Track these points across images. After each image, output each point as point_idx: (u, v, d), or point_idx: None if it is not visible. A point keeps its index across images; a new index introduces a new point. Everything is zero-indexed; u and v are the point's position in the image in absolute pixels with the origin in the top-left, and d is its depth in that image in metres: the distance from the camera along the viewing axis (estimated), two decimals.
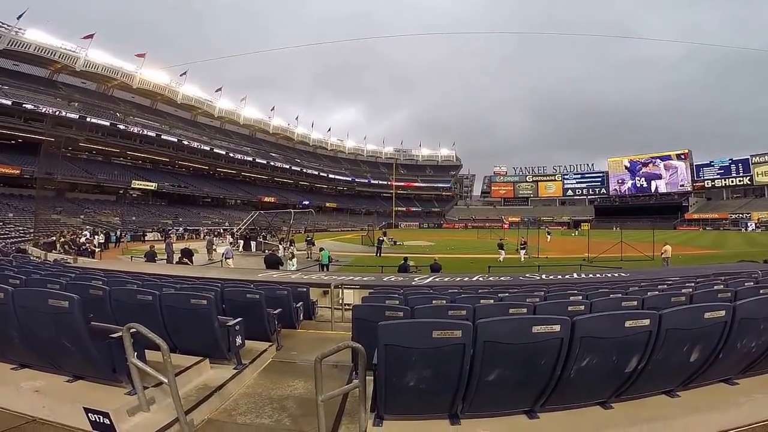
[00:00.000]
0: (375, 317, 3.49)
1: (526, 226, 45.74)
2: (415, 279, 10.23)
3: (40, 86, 46.01)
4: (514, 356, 2.27)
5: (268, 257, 15.53)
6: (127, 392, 2.74)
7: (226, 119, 72.60)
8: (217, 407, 3.10)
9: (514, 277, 10.38)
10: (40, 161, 31.53)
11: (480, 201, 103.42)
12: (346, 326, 6.45)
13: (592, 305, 3.66)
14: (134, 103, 58.69)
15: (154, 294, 3.79)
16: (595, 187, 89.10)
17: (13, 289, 2.86)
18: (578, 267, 14.75)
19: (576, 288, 6.26)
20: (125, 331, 2.57)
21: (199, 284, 6.15)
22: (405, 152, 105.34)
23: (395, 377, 2.30)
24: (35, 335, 2.86)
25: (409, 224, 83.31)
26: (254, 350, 4.20)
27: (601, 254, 21.76)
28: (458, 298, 4.79)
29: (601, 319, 2.36)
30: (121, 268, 10.64)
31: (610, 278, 9.51)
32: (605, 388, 2.57)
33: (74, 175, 44.88)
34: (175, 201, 56.97)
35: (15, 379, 2.94)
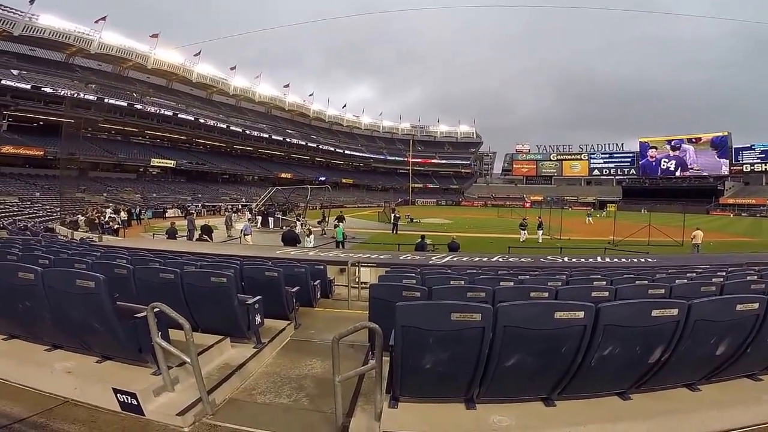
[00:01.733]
0: (392, 297, 3.50)
1: (548, 206, 44.89)
2: (433, 258, 10.24)
3: (57, 69, 47.04)
4: (534, 342, 2.24)
5: (285, 234, 15.75)
6: (152, 372, 2.82)
7: (242, 97, 72.67)
8: (237, 386, 3.18)
9: (535, 259, 10.28)
10: (62, 142, 32.33)
11: (501, 179, 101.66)
12: (362, 305, 6.48)
13: (616, 292, 3.58)
14: (150, 84, 59.28)
15: (175, 272, 3.87)
16: (624, 167, 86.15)
17: (42, 269, 2.94)
18: (602, 250, 14.32)
19: (599, 273, 6.15)
20: (149, 310, 2.64)
21: (218, 261, 6.29)
22: (422, 128, 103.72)
23: (412, 359, 2.31)
24: (65, 315, 2.95)
25: (427, 201, 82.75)
26: (273, 329, 4.28)
27: (627, 238, 21.21)
28: (477, 279, 4.76)
29: (627, 307, 2.29)
30: (144, 246, 10.97)
31: (635, 263, 9.30)
32: (625, 379, 2.53)
33: (95, 155, 46.17)
34: (194, 178, 58.06)
35: (49, 360, 3.04)
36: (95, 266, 4.27)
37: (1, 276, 3.08)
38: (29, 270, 2.96)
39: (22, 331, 3.32)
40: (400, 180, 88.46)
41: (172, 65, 60.06)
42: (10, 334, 3.36)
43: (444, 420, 2.37)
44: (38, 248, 6.65)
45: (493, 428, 2.28)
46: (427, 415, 2.42)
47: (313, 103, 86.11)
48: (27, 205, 31.17)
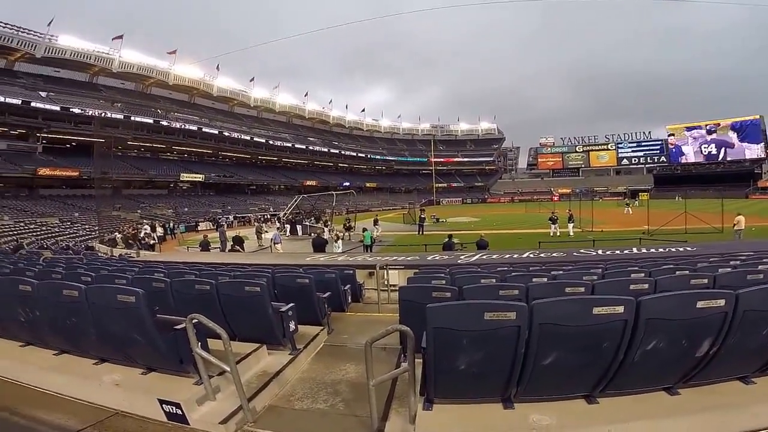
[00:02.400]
0: (422, 299, 3.50)
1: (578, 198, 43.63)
2: (461, 257, 10.15)
3: (82, 90, 48.97)
4: (572, 339, 2.18)
5: (314, 240, 16.02)
6: (194, 382, 2.91)
7: (262, 108, 74.20)
8: (276, 393, 3.24)
9: (568, 253, 10.02)
10: (94, 162, 33.75)
11: (526, 173, 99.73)
12: (392, 308, 6.48)
13: (656, 283, 3.44)
14: (173, 99, 61.05)
15: (211, 283, 3.99)
16: (654, 155, 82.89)
17: (85, 287, 3.09)
18: (637, 241, 13.74)
19: (637, 264, 5.92)
20: (188, 322, 2.72)
21: (251, 271, 6.44)
22: (442, 128, 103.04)
23: (445, 361, 2.30)
24: (108, 330, 3.08)
25: (452, 200, 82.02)
26: (307, 335, 4.35)
27: (663, 226, 20.34)
28: (509, 276, 4.68)
29: (669, 300, 2.20)
30: (180, 259, 11.37)
31: (674, 253, 8.93)
32: (672, 374, 2.43)
33: (127, 173, 47.94)
34: (223, 190, 59.71)
35: (97, 373, 3.17)
36: (134, 281, 4.45)
37: (48, 294, 3.25)
38: (73, 287, 3.11)
39: (71, 346, 3.47)
40: (423, 180, 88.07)
41: (192, 80, 61.72)
42: (60, 350, 3.53)
43: (480, 421, 2.33)
44: (80, 266, 6.97)
45: (532, 428, 2.23)
46: (463, 416, 2.39)
47: (332, 110, 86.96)
48: (67, 226, 32.67)
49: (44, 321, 3.40)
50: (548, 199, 68.38)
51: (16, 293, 3.41)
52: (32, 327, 3.56)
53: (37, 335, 3.63)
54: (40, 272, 5.65)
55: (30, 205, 36.26)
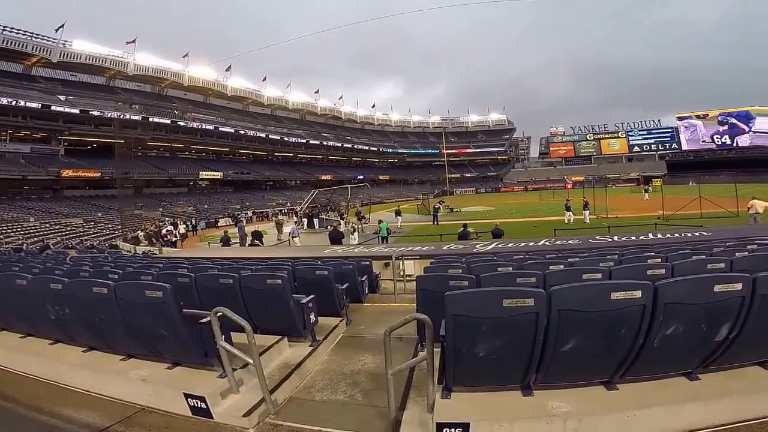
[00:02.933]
0: (439, 287, 3.44)
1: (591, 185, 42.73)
2: (477, 246, 10.07)
3: (100, 93, 49.85)
4: (591, 325, 2.16)
5: (331, 233, 16.11)
6: (218, 375, 2.94)
7: (276, 106, 74.67)
8: (297, 385, 3.28)
9: (584, 240, 9.89)
10: (115, 162, 34.36)
11: (539, 162, 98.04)
12: (409, 297, 6.54)
13: (673, 268, 3.37)
14: (188, 100, 61.85)
15: (234, 277, 4.04)
16: (665, 142, 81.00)
17: (114, 284, 3.16)
18: (653, 227, 13.47)
19: (653, 249, 5.80)
20: (213, 315, 2.76)
21: (271, 264, 6.53)
22: (453, 120, 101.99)
23: (464, 348, 2.29)
24: (137, 325, 3.14)
25: (465, 190, 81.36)
26: (326, 326, 4.39)
27: (678, 212, 19.85)
28: (525, 264, 4.63)
29: (686, 284, 2.16)
30: (202, 255, 11.58)
31: (690, 238, 8.71)
32: (691, 358, 2.39)
33: (147, 172, 48.87)
34: (241, 187, 60.38)
35: (124, 369, 3.22)
36: (160, 277, 4.53)
37: (78, 292, 3.33)
38: (102, 284, 3.18)
39: (99, 342, 3.55)
40: (436, 172, 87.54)
41: (206, 81, 62.44)
42: (89, 346, 3.61)
43: (499, 408, 2.32)
44: (106, 264, 7.12)
45: (552, 414, 2.22)
46: (482, 403, 2.38)
47: (343, 106, 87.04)
48: (91, 225, 33.45)
49: (74, 318, 3.46)
50: (562, 187, 67.09)
51: (47, 292, 3.49)
52: (62, 324, 3.63)
53: (67, 332, 3.70)
54: (69, 271, 5.77)
55: (54, 206, 37.16)
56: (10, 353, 3.78)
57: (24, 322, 4.05)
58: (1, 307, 4.13)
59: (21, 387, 3.32)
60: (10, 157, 38.92)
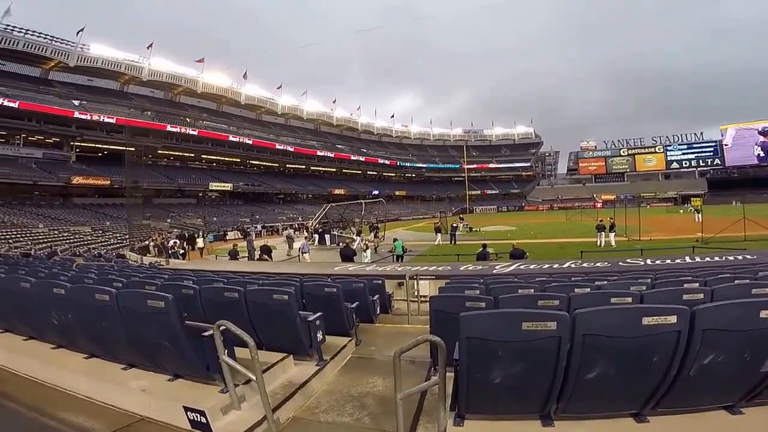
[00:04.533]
0: (454, 308, 3.41)
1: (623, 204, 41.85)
2: (497, 267, 9.96)
3: (114, 98, 51.62)
4: (619, 352, 2.08)
5: (343, 250, 16.17)
6: (220, 390, 2.98)
7: (290, 115, 76.09)
8: (301, 405, 3.28)
9: (613, 263, 9.66)
10: (125, 170, 35.41)
11: (566, 179, 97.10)
12: (423, 319, 6.48)
13: (713, 293, 3.26)
14: (201, 108, 63.56)
15: (239, 291, 4.09)
16: (707, 157, 79.02)
17: (116, 291, 3.25)
18: (690, 249, 13.03)
19: (690, 273, 5.66)
20: (216, 329, 2.79)
21: (279, 280, 6.58)
22: (476, 133, 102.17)
23: (478, 373, 2.23)
24: (138, 335, 3.21)
25: (486, 208, 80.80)
26: (334, 345, 4.38)
27: (719, 234, 19.24)
28: (548, 287, 4.55)
29: (728, 309, 2.07)
30: (208, 268, 11.74)
31: (732, 261, 8.47)
32: (733, 390, 2.29)
33: (157, 182, 50.05)
34: (251, 199, 61.27)
35: (125, 379, 3.30)
36: (164, 287, 4.62)
37: (81, 297, 3.44)
38: (105, 291, 3.28)
39: (100, 350, 3.65)
40: (455, 188, 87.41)
41: (220, 88, 64.13)
42: (90, 353, 3.71)
43: None
44: (112, 272, 7.37)
45: None
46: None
47: (360, 116, 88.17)
48: (99, 234, 34.45)
49: (76, 324, 3.58)
50: (591, 206, 66.02)
51: (50, 296, 3.62)
52: (64, 330, 3.75)
53: (69, 338, 3.82)
54: (74, 277, 6.00)
55: (64, 213, 38.52)
56: (14, 355, 3.93)
57: (27, 324, 4.20)
58: (6, 309, 4.31)
59: (23, 388, 3.46)
60: (23, 161, 40.58)
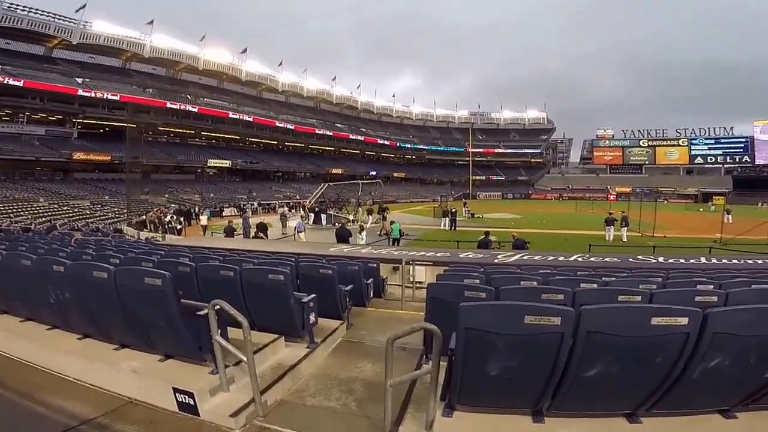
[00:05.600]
0: (452, 297, 3.46)
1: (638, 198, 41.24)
2: (498, 256, 9.89)
3: (116, 75, 51.71)
4: (623, 351, 2.06)
5: (338, 231, 16.19)
6: (210, 371, 3.02)
7: (290, 92, 75.34)
8: (289, 388, 3.32)
9: (623, 259, 9.54)
10: (126, 147, 35.60)
11: (579, 168, 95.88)
12: (417, 306, 6.57)
13: (727, 296, 3.23)
14: (202, 85, 63.23)
15: (235, 269, 4.14)
16: (735, 154, 76.97)
17: (114, 269, 3.27)
18: (707, 250, 12.78)
19: (705, 275, 5.59)
20: (210, 308, 2.82)
21: (274, 259, 6.61)
22: (483, 116, 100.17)
23: (474, 365, 2.23)
24: (134, 313, 3.23)
25: (491, 195, 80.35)
26: (326, 328, 4.44)
27: (740, 236, 19.01)
28: (552, 280, 4.51)
29: (743, 313, 2.04)
30: (204, 244, 11.78)
31: (750, 265, 8.37)
32: (732, 394, 2.29)
33: (156, 158, 50.30)
34: (249, 177, 61.39)
35: (117, 359, 3.33)
36: (161, 264, 4.65)
37: (79, 274, 3.46)
38: (102, 269, 3.29)
39: (94, 329, 3.68)
40: (458, 172, 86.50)
41: (221, 65, 63.58)
42: (84, 333, 3.74)
43: None
44: (109, 248, 7.45)
45: None
46: (486, 426, 2.36)
47: (360, 95, 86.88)
48: (98, 208, 35.06)
49: (72, 302, 3.60)
50: (603, 197, 65.45)
51: (49, 273, 3.64)
52: (60, 309, 3.77)
53: (64, 318, 3.85)
54: (72, 253, 6.05)
55: (64, 187, 39.16)
56: (9, 337, 3.96)
57: (25, 304, 4.22)
58: (6, 288, 4.32)
59: (15, 372, 3.49)
60: (25, 138, 41.59)
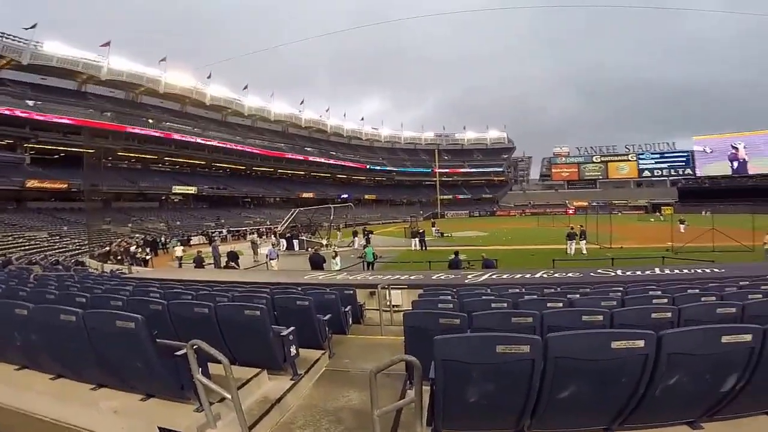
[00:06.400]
0: (429, 325, 3.57)
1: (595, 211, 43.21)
2: (469, 276, 10.11)
3: (71, 98, 49.00)
4: (589, 373, 2.21)
5: (312, 257, 16.05)
6: (195, 409, 2.98)
7: (257, 116, 74.54)
8: (277, 421, 3.29)
9: (585, 273, 9.94)
10: (84, 173, 33.96)
11: (539, 185, 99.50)
12: (396, 330, 6.55)
13: (680, 312, 3.47)
14: (164, 108, 61.21)
15: (209, 306, 4.07)
16: (679, 167, 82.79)
17: (83, 311, 3.18)
18: (660, 260, 13.60)
19: (660, 287, 5.93)
20: (189, 347, 2.80)
21: (249, 291, 6.49)
22: (447, 137, 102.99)
23: (454, 393, 2.32)
24: (107, 356, 3.16)
25: (458, 213, 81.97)
26: (308, 359, 4.40)
27: (688, 244, 20.19)
28: (521, 301, 4.70)
29: (691, 335, 2.23)
30: (174, 276, 11.41)
31: (701, 275, 8.83)
32: (695, 408, 2.45)
33: (118, 185, 48.04)
34: (216, 203, 59.87)
35: (95, 399, 3.25)
36: (131, 303, 4.53)
37: (45, 318, 3.33)
38: (70, 312, 3.19)
39: (68, 370, 3.55)
40: (426, 192, 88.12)
41: (184, 88, 61.85)
42: (57, 374, 3.60)
43: None
44: (72, 284, 7.10)
45: None
46: None
47: (329, 118, 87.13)
48: (56, 240, 32.89)
49: (40, 345, 3.48)
50: (562, 212, 68.33)
51: (12, 317, 3.51)
52: (28, 350, 3.64)
53: (33, 359, 3.71)
54: (33, 292, 5.74)
55: (18, 218, 36.62)
56: None
57: None
58: None
59: None
60: None
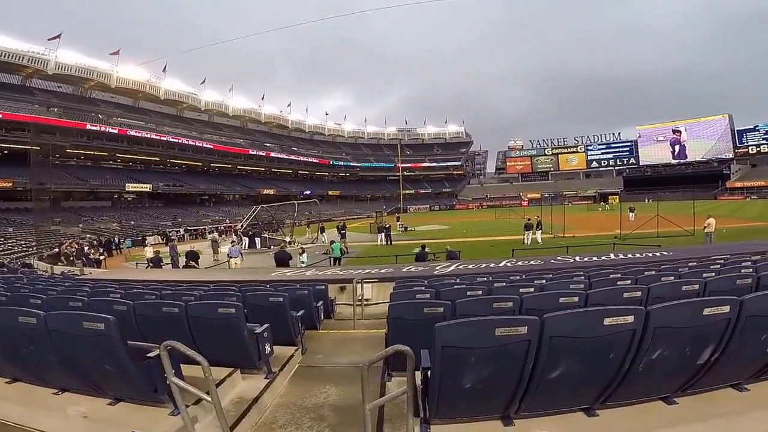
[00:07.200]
0: (413, 315, 3.57)
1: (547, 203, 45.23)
2: (437, 268, 10.23)
3: (15, 93, 45.84)
4: (582, 352, 2.25)
5: (277, 254, 15.67)
6: (169, 412, 2.83)
7: (215, 111, 72.33)
8: (256, 421, 3.18)
9: (545, 261, 10.33)
10: (30, 172, 31.75)
11: (495, 178, 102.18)
12: (368, 323, 6.64)
13: (649, 291, 3.62)
14: (115, 103, 58.43)
15: (180, 306, 3.87)
16: (623, 157, 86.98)
17: (45, 313, 2.93)
18: (611, 246, 14.44)
19: (618, 271, 6.22)
20: (162, 349, 2.62)
21: (216, 289, 6.27)
22: (409, 132, 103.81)
23: (450, 380, 2.30)
24: (73, 359, 2.93)
25: (420, 207, 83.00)
26: (282, 356, 4.31)
27: (635, 231, 21.34)
28: (495, 288, 4.78)
29: (678, 308, 2.31)
30: (131, 277, 10.85)
31: (651, 258, 9.33)
32: (672, 383, 2.54)
33: (66, 183, 45.49)
34: (172, 201, 57.57)
35: (60, 405, 3.03)
36: (92, 304, 4.25)
37: (1, 321, 3.07)
38: (30, 314, 2.95)
39: (26, 374, 3.31)
40: (390, 187, 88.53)
41: (137, 82, 59.29)
42: (12, 378, 3.35)
43: None
44: (23, 286, 6.70)
45: None
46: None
47: (291, 114, 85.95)
48: (1, 242, 30.48)
49: None
50: (517, 204, 70.61)
51: None
52: None
53: None
54: None
55: None
56: None
57: None
58: None
59: None
60: None
